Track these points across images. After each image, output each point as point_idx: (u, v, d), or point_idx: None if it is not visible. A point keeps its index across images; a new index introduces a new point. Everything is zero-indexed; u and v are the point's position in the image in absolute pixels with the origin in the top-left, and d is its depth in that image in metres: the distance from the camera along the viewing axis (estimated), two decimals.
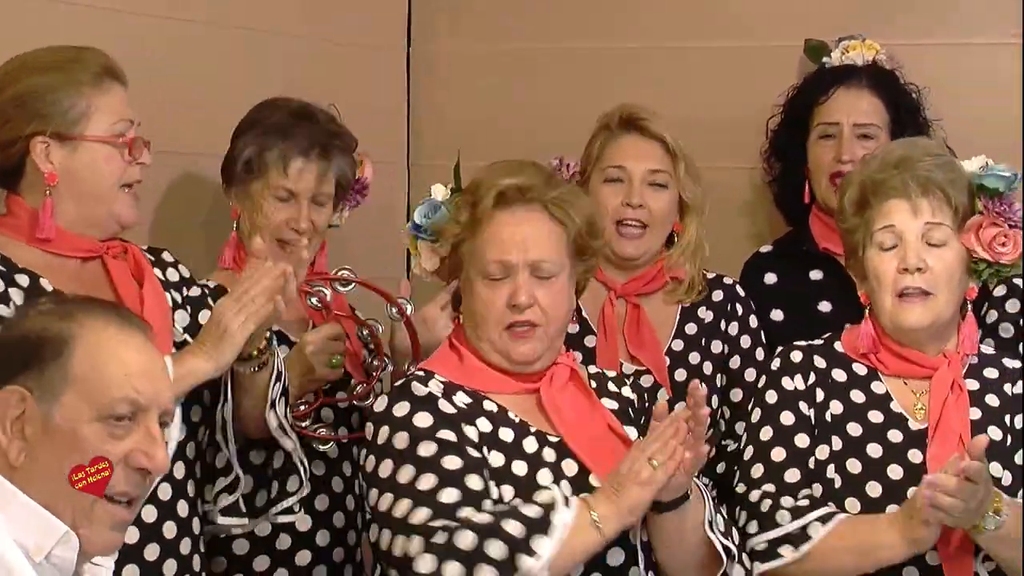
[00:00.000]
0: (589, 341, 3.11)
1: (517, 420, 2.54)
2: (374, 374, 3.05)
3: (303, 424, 2.97)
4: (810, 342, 2.77)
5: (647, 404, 2.68)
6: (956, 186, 2.68)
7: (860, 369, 2.72)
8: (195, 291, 2.82)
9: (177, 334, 2.70)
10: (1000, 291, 3.21)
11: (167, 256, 2.81)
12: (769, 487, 2.63)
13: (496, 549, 2.33)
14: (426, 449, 2.43)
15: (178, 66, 3.32)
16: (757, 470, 2.65)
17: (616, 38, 3.73)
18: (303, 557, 3.03)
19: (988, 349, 2.80)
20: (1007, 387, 2.70)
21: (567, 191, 2.64)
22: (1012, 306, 3.19)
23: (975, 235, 2.68)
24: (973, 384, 2.70)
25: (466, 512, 2.37)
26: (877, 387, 2.70)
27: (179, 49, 3.34)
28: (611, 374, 2.72)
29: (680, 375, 3.12)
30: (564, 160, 3.24)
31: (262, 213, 3.07)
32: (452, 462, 2.42)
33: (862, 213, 2.71)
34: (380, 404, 2.52)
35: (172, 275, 2.78)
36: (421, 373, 2.56)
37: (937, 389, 2.65)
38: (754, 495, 2.63)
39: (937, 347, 2.70)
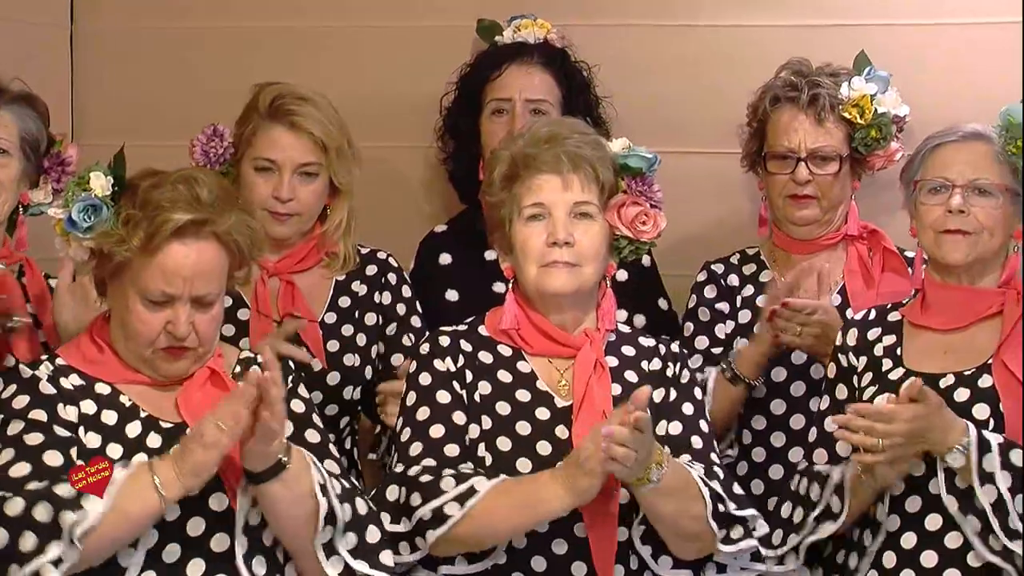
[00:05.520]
0: (243, 314, 3.12)
1: (128, 404, 2.58)
2: None
3: None
4: (455, 327, 2.81)
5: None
6: (603, 163, 2.76)
7: (505, 350, 2.77)
8: None
9: None
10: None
11: None
12: (429, 462, 2.66)
13: (41, 512, 2.40)
14: (14, 428, 2.52)
15: None
16: (416, 448, 2.68)
17: (286, 17, 3.71)
18: None
19: (625, 328, 2.88)
20: (644, 363, 2.79)
21: (238, 220, 2.60)
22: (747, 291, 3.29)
23: (618, 213, 2.76)
24: (613, 361, 2.77)
25: (32, 484, 2.43)
26: (523, 366, 2.76)
27: None
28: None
29: (333, 346, 3.17)
30: (218, 129, 3.19)
31: None
32: (33, 439, 2.50)
33: (510, 187, 2.76)
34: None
35: None
36: (43, 357, 2.62)
37: (580, 368, 2.72)
38: (414, 471, 2.65)
39: (577, 320, 2.77)
